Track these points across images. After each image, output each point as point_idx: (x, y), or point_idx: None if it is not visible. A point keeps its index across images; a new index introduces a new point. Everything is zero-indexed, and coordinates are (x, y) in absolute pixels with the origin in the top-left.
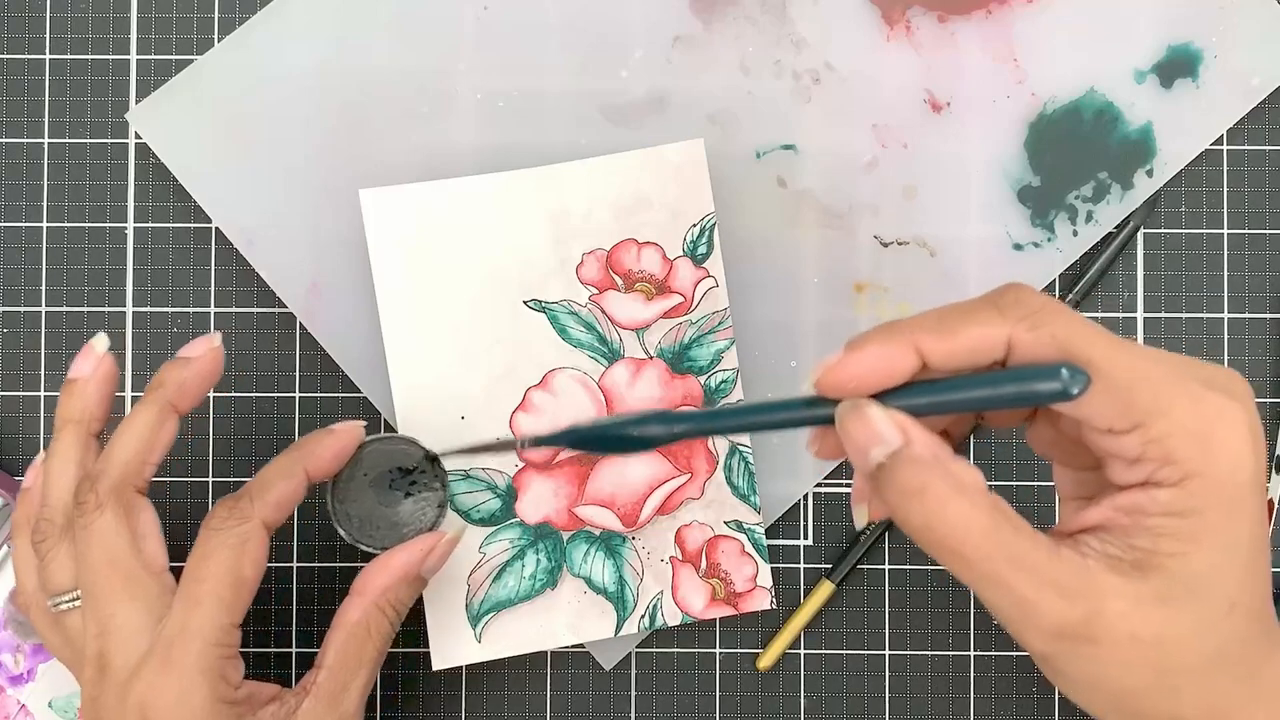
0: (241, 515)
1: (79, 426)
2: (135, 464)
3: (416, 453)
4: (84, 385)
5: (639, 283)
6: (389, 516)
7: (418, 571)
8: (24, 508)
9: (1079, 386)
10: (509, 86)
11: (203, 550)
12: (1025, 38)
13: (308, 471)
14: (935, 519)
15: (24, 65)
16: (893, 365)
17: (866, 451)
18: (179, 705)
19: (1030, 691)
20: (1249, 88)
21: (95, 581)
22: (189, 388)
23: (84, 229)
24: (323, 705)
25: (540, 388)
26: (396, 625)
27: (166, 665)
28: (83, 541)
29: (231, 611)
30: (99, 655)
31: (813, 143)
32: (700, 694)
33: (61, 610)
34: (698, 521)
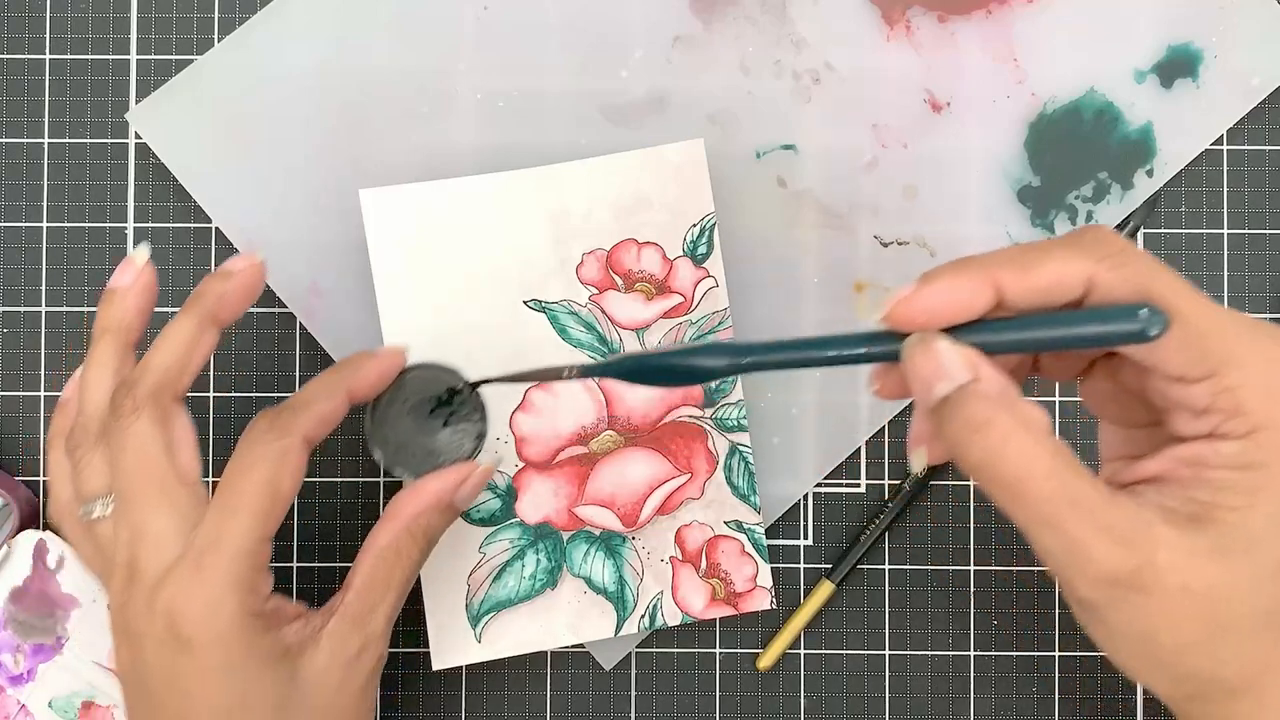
0: (283, 429)
1: (116, 336)
2: (174, 372)
3: (458, 381)
4: (123, 295)
5: (639, 283)
6: (426, 444)
7: (450, 499)
8: (60, 419)
9: (1158, 328)
10: (509, 86)
11: (241, 461)
12: (1025, 38)
13: (350, 391)
14: (997, 455)
15: (24, 65)
16: (967, 299)
17: (932, 386)
18: (207, 612)
19: (1030, 691)
20: (1249, 88)
21: (128, 487)
22: (229, 300)
23: (84, 229)
24: (348, 625)
25: (540, 388)
26: (426, 552)
27: (197, 572)
28: (117, 446)
29: (266, 524)
30: (129, 562)
31: (813, 143)
32: (700, 694)
33: (93, 518)
34: (698, 521)
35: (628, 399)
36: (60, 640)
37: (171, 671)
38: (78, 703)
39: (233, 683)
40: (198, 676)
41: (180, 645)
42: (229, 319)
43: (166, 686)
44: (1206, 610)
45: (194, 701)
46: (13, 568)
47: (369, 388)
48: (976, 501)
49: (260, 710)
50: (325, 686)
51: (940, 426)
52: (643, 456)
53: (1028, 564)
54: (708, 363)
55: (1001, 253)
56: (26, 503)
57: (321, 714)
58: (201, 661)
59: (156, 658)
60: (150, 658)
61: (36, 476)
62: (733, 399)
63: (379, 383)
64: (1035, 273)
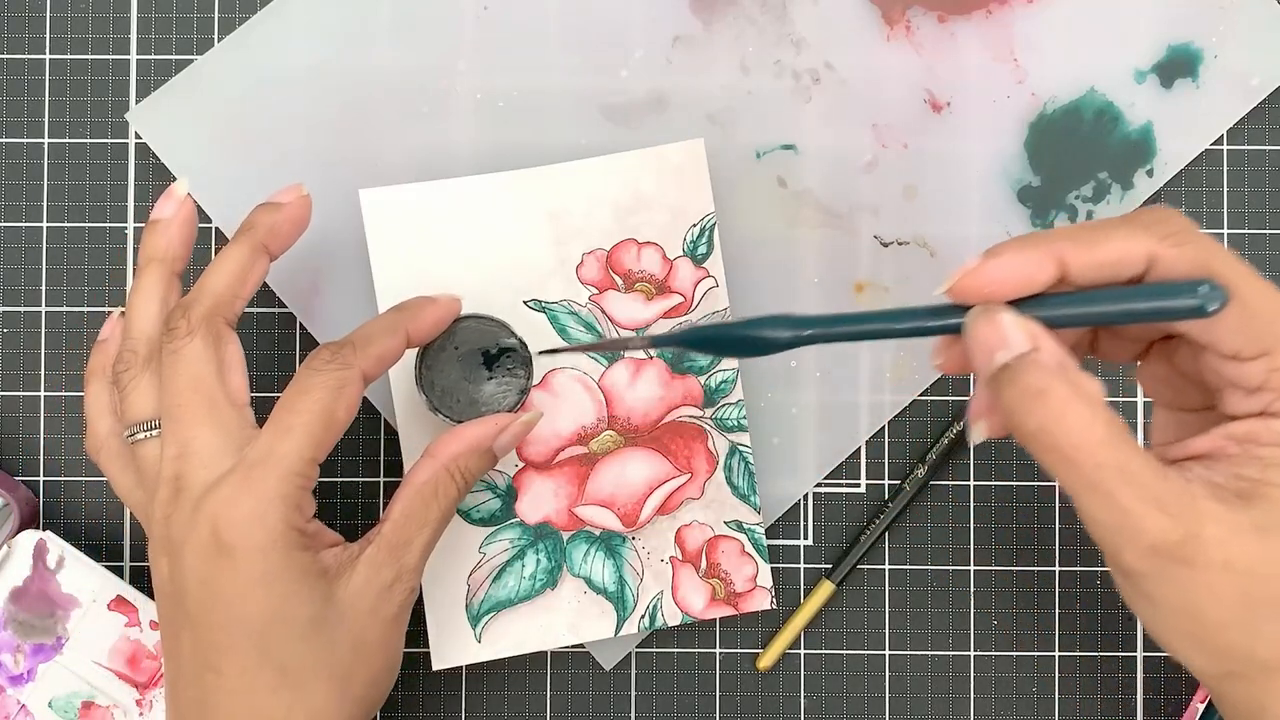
0: (343, 361)
1: (163, 264)
2: (227, 296)
3: (509, 336)
4: (166, 225)
5: (639, 283)
6: (470, 393)
7: (490, 445)
8: (99, 356)
9: (1216, 303)
10: (509, 86)
11: (300, 385)
12: (1025, 38)
13: (408, 332)
14: (1054, 422)
15: (24, 65)
16: (1031, 273)
17: (993, 354)
18: (252, 522)
19: (1030, 691)
20: (1249, 88)
21: (179, 404)
22: (280, 230)
23: (84, 229)
24: (384, 554)
25: (540, 387)
26: (463, 493)
27: (246, 483)
28: (169, 366)
29: (318, 447)
30: (176, 476)
31: (813, 143)
32: (700, 694)
33: (138, 440)
34: (698, 521)
35: (627, 399)
36: (60, 640)
37: (211, 579)
38: (78, 703)
39: (271, 593)
40: (237, 585)
41: (222, 552)
42: (279, 249)
43: (204, 595)
44: (1248, 587)
45: (231, 610)
46: (13, 568)
47: (425, 332)
48: (976, 501)
49: (295, 623)
50: (359, 610)
51: (998, 394)
52: (643, 456)
53: (1028, 564)
54: (772, 334)
55: (1065, 229)
56: (26, 503)
57: (353, 637)
58: (242, 569)
59: (196, 566)
60: (190, 566)
61: (36, 477)
62: (733, 399)
63: (435, 328)
64: (1098, 248)
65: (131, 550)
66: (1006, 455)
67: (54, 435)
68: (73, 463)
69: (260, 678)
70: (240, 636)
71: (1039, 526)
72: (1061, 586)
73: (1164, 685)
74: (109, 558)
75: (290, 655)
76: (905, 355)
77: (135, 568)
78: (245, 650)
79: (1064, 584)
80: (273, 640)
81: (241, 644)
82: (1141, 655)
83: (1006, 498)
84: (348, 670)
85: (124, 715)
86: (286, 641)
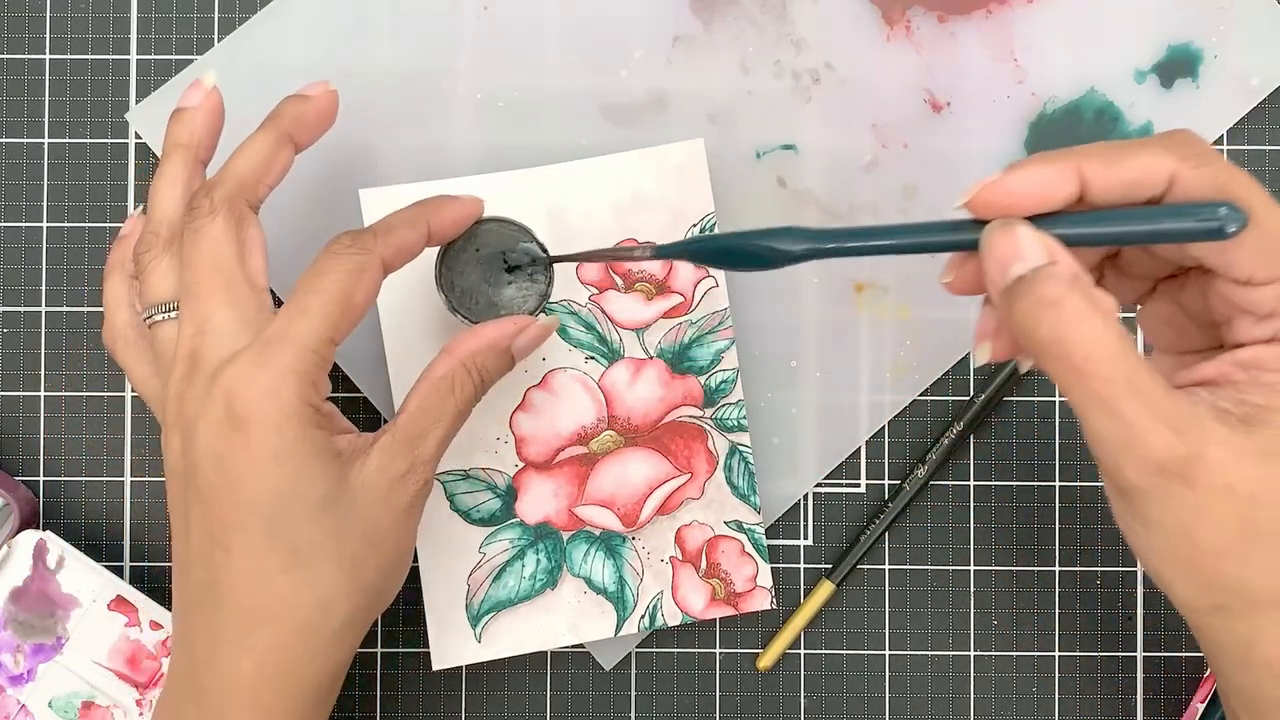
0: (363, 246)
1: (187, 151)
2: (251, 179)
3: (529, 244)
4: (192, 114)
5: (639, 283)
6: (490, 295)
7: (508, 345)
8: (119, 250)
9: (1236, 225)
10: (509, 86)
11: (318, 267)
12: (1025, 38)
13: (429, 227)
14: (1066, 332)
15: (24, 65)
16: (1052, 187)
17: (1008, 266)
18: (266, 395)
19: (1030, 691)
20: (1249, 88)
21: (198, 282)
22: (306, 121)
23: (84, 229)
24: (399, 444)
25: (540, 387)
26: (479, 392)
27: (262, 358)
28: (190, 244)
29: (335, 328)
30: (191, 353)
31: (813, 143)
32: (700, 694)
33: (156, 322)
34: (698, 521)
35: (627, 399)
36: (60, 640)
37: (223, 455)
38: (78, 703)
39: (284, 468)
40: (249, 459)
41: (235, 425)
42: (304, 141)
43: (216, 471)
44: (1247, 513)
45: (243, 484)
46: (13, 568)
47: (447, 228)
48: (976, 501)
49: (307, 500)
50: (372, 497)
51: (1010, 306)
52: (643, 456)
53: (1028, 564)
54: (785, 246)
55: (1089, 146)
56: (26, 503)
57: (365, 523)
58: (255, 442)
59: (209, 440)
60: (202, 442)
61: (36, 477)
62: (733, 399)
63: (456, 226)
64: (1121, 165)
65: (131, 550)
66: (1006, 455)
67: (54, 435)
68: (73, 463)
69: (269, 557)
70: (250, 513)
71: (1039, 526)
72: (1061, 586)
73: (1164, 685)
74: (109, 558)
75: (300, 535)
76: (905, 355)
77: (135, 568)
78: (255, 527)
79: (1064, 584)
80: (283, 518)
81: (251, 521)
82: (1141, 655)
83: (1006, 498)
84: (358, 556)
85: (124, 715)
86: (297, 520)
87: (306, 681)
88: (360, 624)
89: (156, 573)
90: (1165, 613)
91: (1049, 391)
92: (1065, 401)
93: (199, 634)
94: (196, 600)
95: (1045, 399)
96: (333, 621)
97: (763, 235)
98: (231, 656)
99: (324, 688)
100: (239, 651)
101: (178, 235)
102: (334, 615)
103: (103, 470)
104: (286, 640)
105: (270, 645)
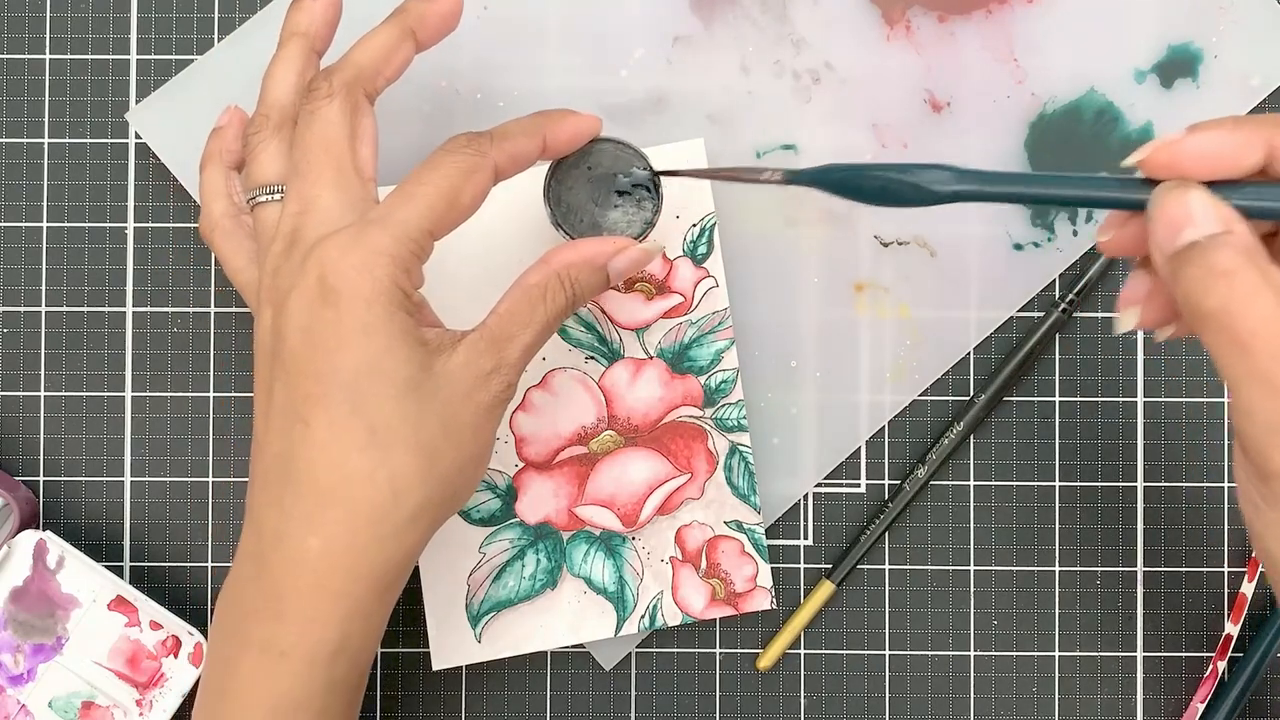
0: (479, 149)
1: (304, 39)
2: (370, 69)
3: (643, 168)
4: (312, 3)
5: (639, 283)
6: (595, 216)
7: (605, 262)
8: (215, 141)
9: None
10: (509, 86)
11: (431, 162)
12: (1025, 38)
13: (545, 141)
14: (1238, 304)
15: (24, 65)
16: (1237, 154)
17: (1179, 230)
18: (360, 271)
19: (1030, 691)
20: (1249, 88)
21: (308, 160)
22: (429, 20)
23: (84, 229)
24: (486, 343)
25: (540, 387)
26: (570, 306)
27: (360, 237)
28: (304, 124)
29: (438, 221)
30: (293, 230)
31: (813, 143)
32: (700, 694)
33: (259, 203)
34: (698, 521)
35: (627, 399)
36: (60, 640)
37: (312, 327)
38: (78, 703)
39: (370, 344)
40: (337, 332)
41: (326, 299)
42: (426, 39)
43: (303, 343)
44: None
45: (328, 358)
46: (13, 568)
47: (563, 143)
48: (976, 501)
49: (390, 380)
50: (454, 390)
51: (1177, 272)
52: (643, 456)
53: (1028, 564)
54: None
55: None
56: (26, 502)
57: (446, 414)
58: (344, 315)
59: (299, 312)
60: (293, 312)
61: (36, 477)
62: (733, 399)
63: (572, 141)
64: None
65: (131, 550)
66: (1006, 455)
67: (54, 435)
68: (73, 463)
69: (347, 433)
70: (334, 386)
71: (1039, 526)
72: (1061, 586)
73: (1164, 685)
74: (109, 558)
75: (381, 415)
76: (905, 355)
77: (135, 568)
78: (337, 402)
79: (1064, 584)
80: (366, 395)
81: (335, 394)
82: (1141, 655)
83: (1006, 498)
84: (436, 446)
85: (124, 715)
86: (379, 399)
87: (372, 568)
88: (430, 518)
89: (156, 573)
90: (1165, 613)
91: (1049, 391)
92: (1066, 402)
93: (269, 510)
94: (270, 475)
95: (1045, 399)
96: (404, 508)
97: (908, 170)
98: (299, 533)
99: (389, 576)
100: (308, 529)
101: (288, 120)
102: (406, 502)
103: (103, 470)
104: (356, 522)
105: (339, 525)
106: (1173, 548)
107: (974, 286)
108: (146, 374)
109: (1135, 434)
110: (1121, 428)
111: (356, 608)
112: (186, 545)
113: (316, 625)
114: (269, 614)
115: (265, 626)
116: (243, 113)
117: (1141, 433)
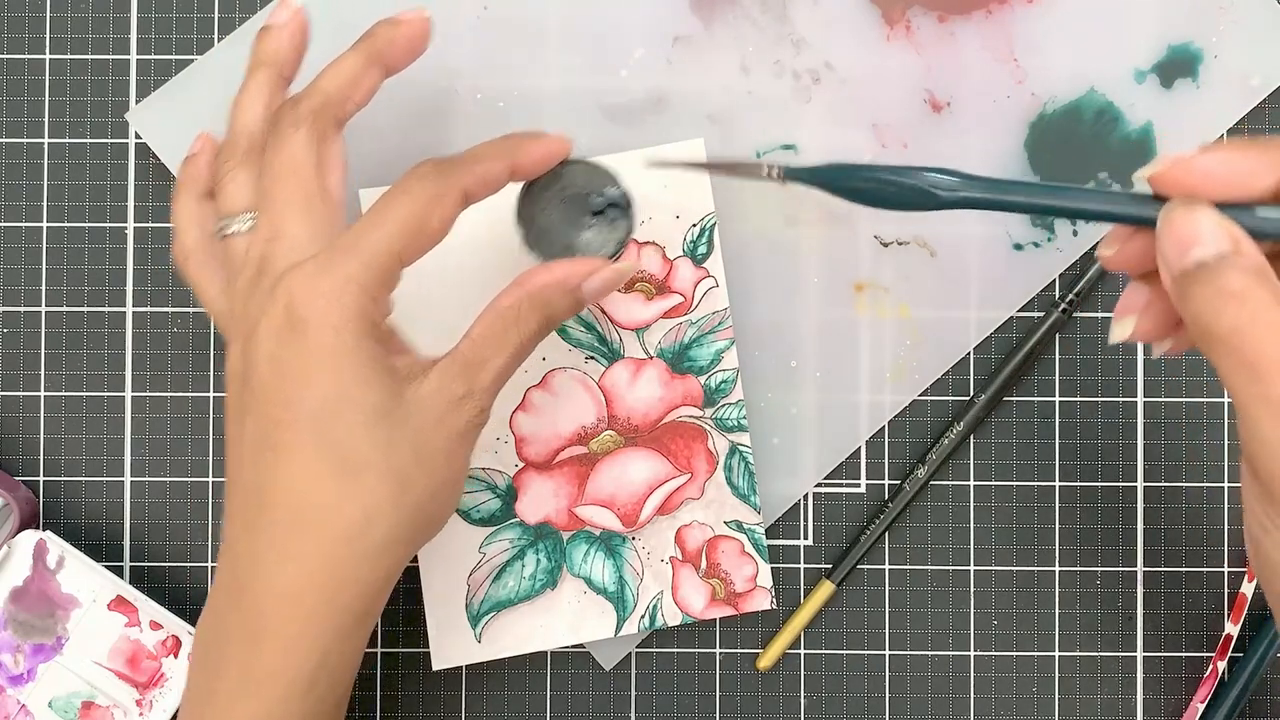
0: (445, 173)
1: (271, 69)
2: (338, 96)
3: (615, 189)
4: (279, 30)
5: (639, 283)
6: (567, 236)
7: (578, 284)
8: (188, 169)
9: None
10: (509, 86)
11: (399, 188)
12: (1025, 38)
13: (514, 163)
14: (1249, 326)
15: (24, 65)
16: (1249, 175)
17: (1187, 249)
18: (329, 299)
19: (1030, 691)
20: (1249, 88)
21: (275, 189)
22: (397, 44)
23: (84, 229)
24: (458, 367)
25: (540, 387)
26: (543, 329)
27: (327, 265)
28: (272, 152)
29: (405, 247)
30: (261, 258)
31: (813, 143)
32: (700, 694)
33: (229, 234)
34: (698, 521)
35: (627, 399)
36: (60, 640)
37: (280, 356)
38: (78, 703)
39: (339, 372)
40: (305, 360)
41: (294, 327)
42: (394, 65)
43: (271, 371)
44: None
45: (296, 386)
46: (13, 568)
47: (532, 165)
48: (976, 501)
49: (359, 407)
50: (426, 417)
51: (1185, 291)
52: (643, 456)
53: (1028, 564)
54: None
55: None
56: (26, 502)
57: (417, 442)
58: (312, 345)
59: (267, 342)
60: (261, 342)
61: (36, 477)
62: (733, 399)
63: (542, 163)
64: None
65: (131, 550)
66: (1006, 455)
67: (54, 435)
68: (73, 463)
69: (317, 461)
70: (303, 415)
71: (1039, 526)
72: (1061, 586)
73: (1164, 685)
74: (109, 558)
75: (350, 442)
76: (905, 355)
77: (135, 568)
78: (305, 430)
79: (1064, 584)
80: (335, 423)
81: (303, 423)
82: (1141, 655)
83: (1006, 498)
84: (407, 473)
85: (124, 715)
86: (348, 426)
87: (347, 594)
88: (405, 544)
89: (156, 573)
90: (1165, 613)
91: (1049, 392)
92: (1066, 402)
93: (244, 539)
94: (244, 504)
95: (1045, 399)
96: (376, 534)
97: (912, 173)
98: (275, 561)
99: (365, 602)
100: (283, 557)
101: (256, 148)
102: (378, 528)
103: (103, 470)
104: (329, 548)
105: (314, 551)
106: (1173, 548)
107: (974, 286)
108: (146, 374)
109: (1135, 434)
110: (1121, 428)
111: (334, 633)
112: (186, 545)
113: (294, 652)
114: (246, 641)
115: (243, 654)
116: (214, 140)
117: (1141, 433)
